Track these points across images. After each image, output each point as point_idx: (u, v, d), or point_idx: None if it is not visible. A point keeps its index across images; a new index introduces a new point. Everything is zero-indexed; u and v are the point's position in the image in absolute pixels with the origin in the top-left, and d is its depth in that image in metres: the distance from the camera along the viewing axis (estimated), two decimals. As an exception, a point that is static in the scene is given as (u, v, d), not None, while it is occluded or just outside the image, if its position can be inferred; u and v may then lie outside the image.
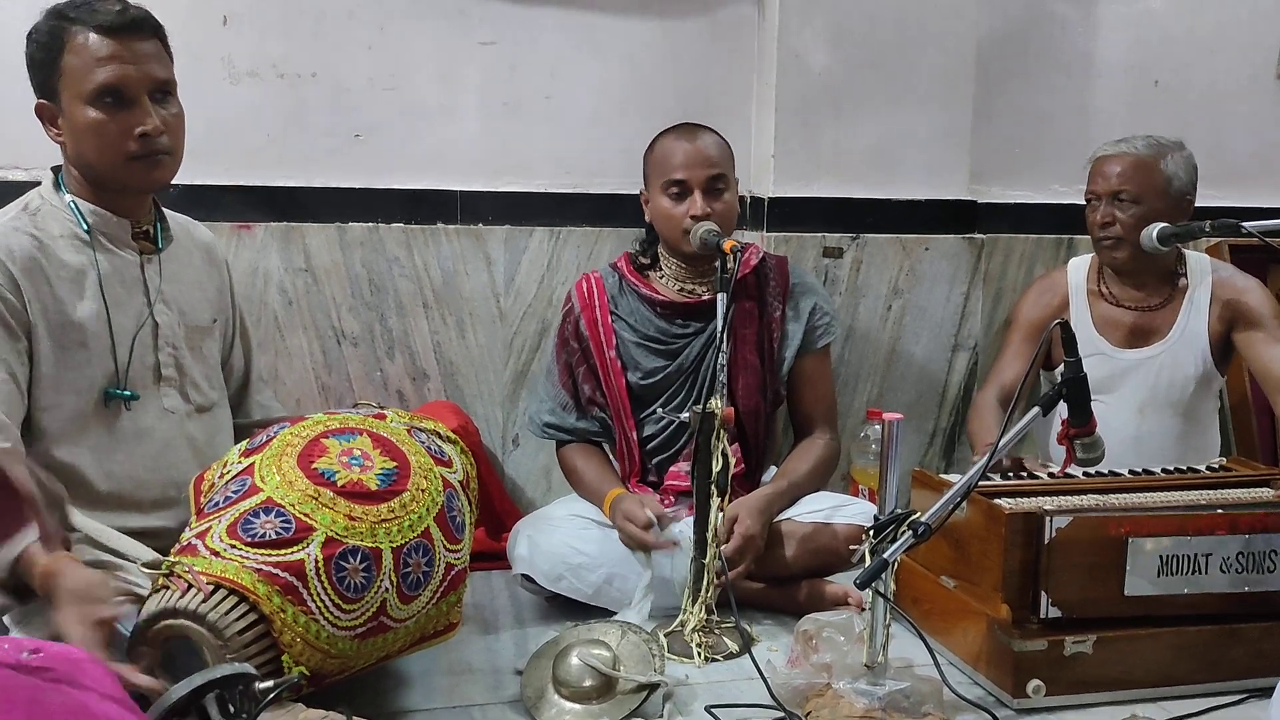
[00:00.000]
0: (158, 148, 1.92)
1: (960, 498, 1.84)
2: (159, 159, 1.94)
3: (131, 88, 1.89)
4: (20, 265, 1.87)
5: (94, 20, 1.87)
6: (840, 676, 1.84)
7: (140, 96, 1.90)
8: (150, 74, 1.91)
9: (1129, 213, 2.53)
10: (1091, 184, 2.62)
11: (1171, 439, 2.64)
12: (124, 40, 1.88)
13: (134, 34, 1.89)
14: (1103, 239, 2.59)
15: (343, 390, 2.79)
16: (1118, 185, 2.55)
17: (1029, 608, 1.94)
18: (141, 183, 1.96)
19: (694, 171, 2.36)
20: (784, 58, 2.80)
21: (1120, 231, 2.55)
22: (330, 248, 2.74)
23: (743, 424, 2.45)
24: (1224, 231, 2.30)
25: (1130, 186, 2.53)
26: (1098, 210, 2.59)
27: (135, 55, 1.89)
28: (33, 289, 1.88)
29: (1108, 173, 2.57)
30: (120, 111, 1.89)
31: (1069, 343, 1.97)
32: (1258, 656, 1.97)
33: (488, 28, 2.78)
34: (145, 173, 1.94)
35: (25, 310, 1.87)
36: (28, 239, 1.90)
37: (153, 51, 1.93)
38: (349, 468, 1.74)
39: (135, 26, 1.90)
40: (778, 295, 2.48)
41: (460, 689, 1.97)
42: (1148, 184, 2.53)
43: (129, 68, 1.88)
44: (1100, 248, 2.62)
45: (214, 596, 1.58)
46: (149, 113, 1.90)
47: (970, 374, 3.01)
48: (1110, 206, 2.56)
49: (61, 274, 1.91)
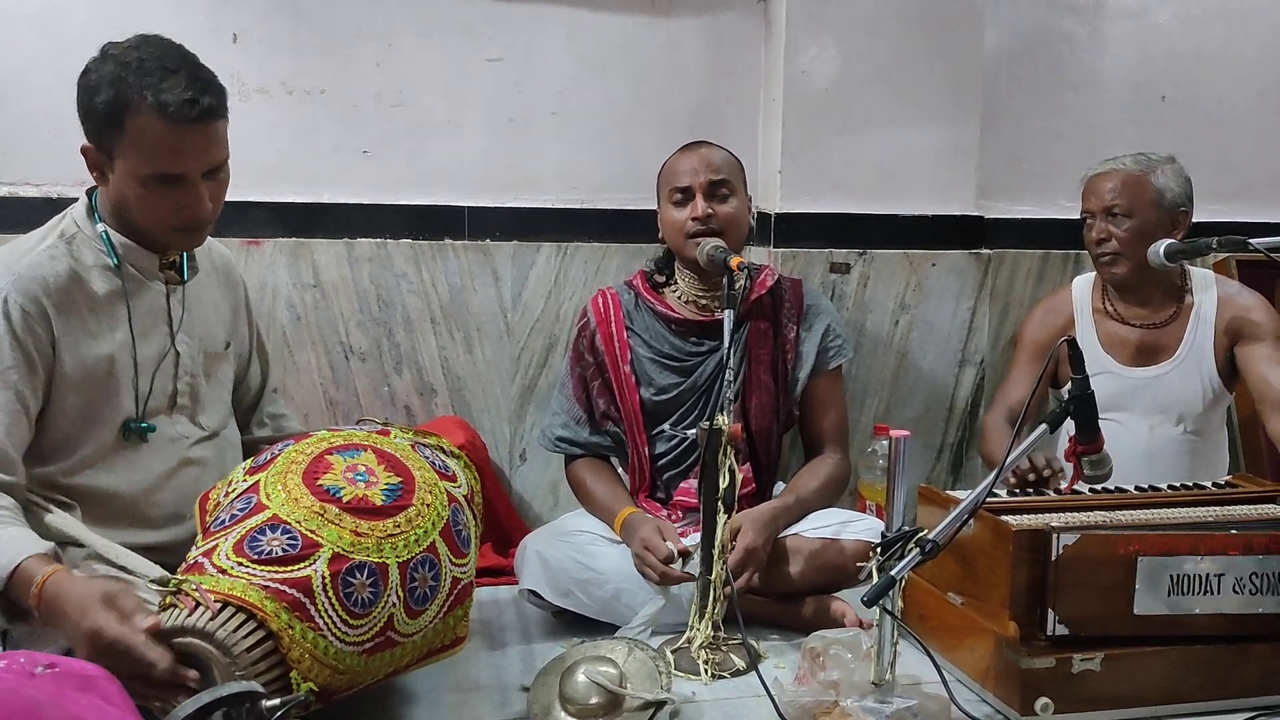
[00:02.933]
0: (204, 223, 1.92)
1: (968, 515, 1.84)
2: (203, 229, 1.94)
3: (188, 175, 1.85)
4: (55, 298, 1.85)
5: (161, 105, 1.78)
6: (847, 694, 1.83)
7: (196, 180, 1.86)
8: (209, 160, 1.87)
9: (1123, 227, 2.56)
10: (1085, 203, 2.65)
11: (1182, 456, 2.64)
12: (190, 131, 1.82)
13: (201, 123, 1.83)
14: (1100, 255, 2.61)
15: (350, 405, 2.80)
16: (1110, 201, 2.57)
17: (1036, 625, 1.93)
18: (180, 246, 1.98)
19: (696, 177, 2.39)
20: (790, 73, 2.81)
21: (1117, 247, 2.57)
22: (338, 263, 2.75)
23: (754, 443, 2.45)
24: (1231, 247, 2.29)
25: (1122, 201, 2.56)
26: (1093, 228, 2.61)
27: (199, 145, 1.84)
28: (64, 322, 1.86)
29: (1099, 190, 2.60)
30: (172, 191, 1.85)
31: (1076, 360, 1.97)
32: (1267, 675, 1.96)
33: (495, 44, 2.80)
34: (185, 240, 1.96)
35: (53, 346, 1.86)
36: (64, 269, 1.88)
37: (216, 135, 1.87)
38: (354, 484, 1.74)
39: (205, 117, 1.83)
40: (792, 317, 2.49)
41: (467, 706, 1.97)
42: (1139, 198, 2.56)
43: (189, 159, 1.84)
44: (1100, 265, 2.63)
45: (222, 614, 1.57)
46: (201, 197, 1.87)
47: (977, 389, 3.00)
48: (1105, 223, 2.58)
49: (94, 305, 1.90)
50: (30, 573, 1.64)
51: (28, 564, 1.65)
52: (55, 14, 2.53)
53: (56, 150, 1.94)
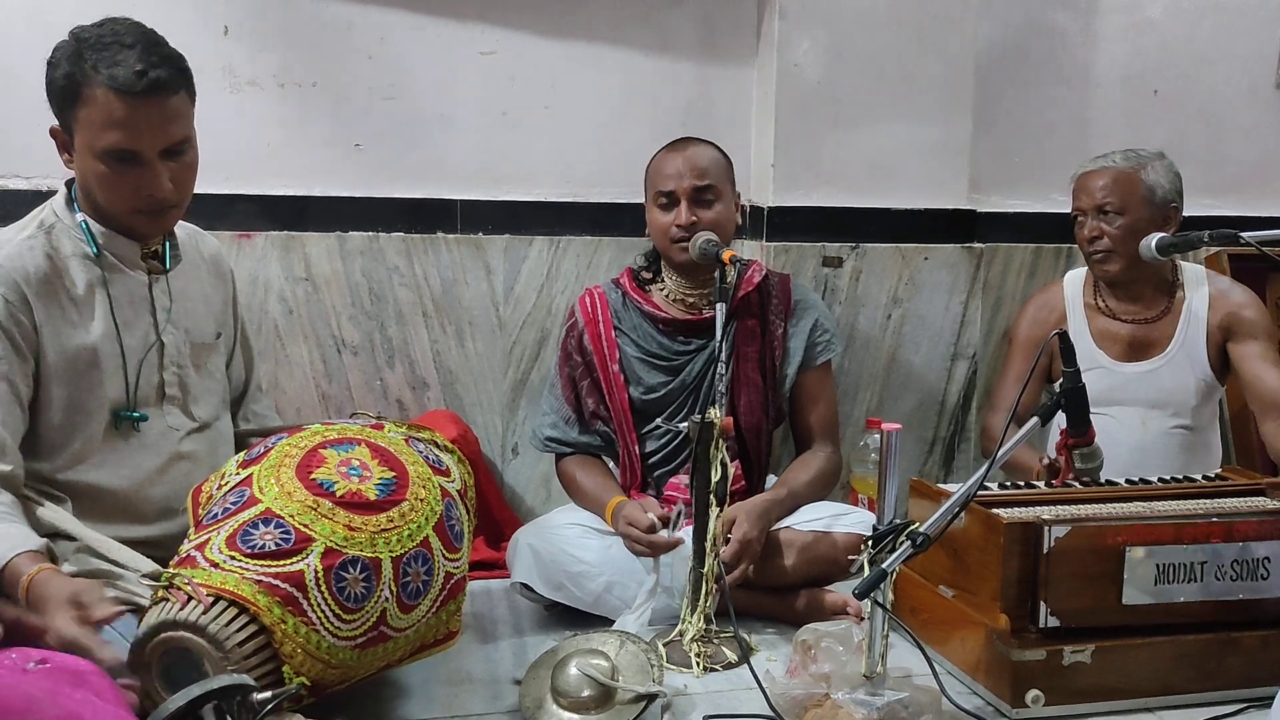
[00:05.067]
0: (165, 204, 1.90)
1: (959, 508, 1.84)
2: (166, 212, 1.92)
3: (143, 151, 1.82)
4: (35, 288, 1.85)
5: (111, 77, 1.77)
6: (839, 687, 1.84)
7: (152, 158, 1.83)
8: (165, 136, 1.83)
9: (1115, 225, 2.56)
10: (1076, 201, 2.65)
11: (1174, 449, 2.65)
12: (141, 104, 1.79)
13: (152, 96, 1.79)
14: (1093, 253, 2.62)
15: (343, 399, 2.80)
16: (1101, 199, 2.58)
17: (1027, 617, 1.94)
18: (146, 231, 1.96)
19: (681, 182, 2.38)
20: (783, 67, 2.81)
21: (1109, 244, 2.57)
22: (330, 257, 2.75)
23: (744, 441, 2.45)
24: (1223, 241, 2.31)
25: (1114, 199, 2.57)
26: (1085, 226, 2.62)
27: (150, 119, 1.80)
28: (45, 312, 1.86)
29: (1091, 188, 2.60)
30: (130, 169, 1.84)
31: (1067, 353, 1.98)
32: (1256, 666, 1.97)
33: (487, 38, 2.79)
34: (150, 224, 1.94)
35: (36, 333, 1.86)
36: (43, 259, 1.88)
37: (171, 112, 1.83)
38: (348, 478, 1.74)
39: (154, 89, 1.79)
40: (780, 313, 2.49)
41: (459, 699, 1.98)
42: (1130, 195, 2.56)
43: (142, 133, 1.80)
44: (1092, 262, 2.64)
45: (214, 608, 1.57)
46: (159, 175, 1.85)
47: (969, 383, 3.01)
48: (1097, 221, 2.59)
49: (73, 295, 1.90)
50: (18, 571, 1.64)
51: (17, 561, 1.65)
52: (44, 6, 2.52)
53: (46, 143, 1.92)
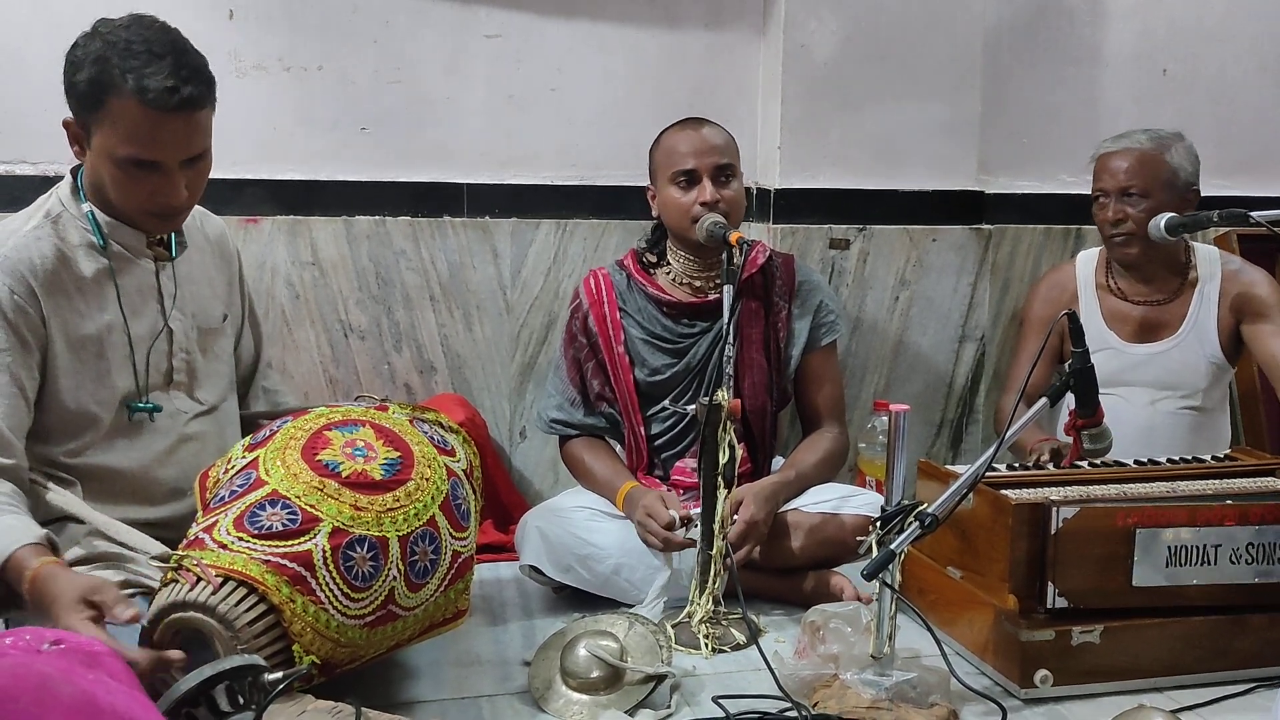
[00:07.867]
0: (177, 210, 1.90)
1: (967, 489, 1.84)
2: (177, 214, 1.92)
3: (165, 162, 1.81)
4: (42, 279, 1.84)
5: (141, 90, 1.74)
6: (847, 667, 1.84)
7: (173, 168, 1.82)
8: (188, 149, 1.83)
9: (1139, 208, 2.53)
10: (1098, 181, 2.61)
11: (1184, 430, 2.64)
12: (169, 119, 1.77)
13: (181, 112, 1.78)
14: (1114, 235, 2.58)
15: (350, 383, 2.80)
16: (1126, 181, 2.54)
17: (1036, 598, 1.94)
18: (155, 230, 1.95)
19: (702, 159, 2.37)
20: (790, 48, 2.80)
21: (1133, 227, 2.54)
22: (337, 241, 2.75)
23: (749, 423, 2.45)
24: (1232, 221, 2.29)
25: (1138, 181, 2.53)
26: (1107, 208, 2.58)
27: (177, 135, 1.80)
28: (52, 302, 1.86)
29: (1114, 169, 2.57)
30: (149, 176, 1.82)
31: (1076, 333, 1.97)
32: (1265, 646, 1.97)
33: (493, 20, 2.78)
34: (160, 224, 1.94)
35: (44, 324, 1.85)
36: (51, 250, 1.87)
37: (196, 126, 1.82)
38: (353, 459, 1.74)
39: (185, 106, 1.78)
40: (784, 294, 2.48)
41: (468, 680, 1.98)
42: (1155, 178, 2.53)
43: (166, 146, 1.80)
44: (1112, 244, 2.61)
45: (224, 589, 1.58)
46: (176, 184, 1.84)
47: (978, 365, 3.00)
48: (1120, 203, 2.55)
49: (81, 285, 1.89)
50: (22, 564, 1.63)
51: (20, 554, 1.64)
52: (50, -9, 2.52)
53: (53, 128, 1.91)
